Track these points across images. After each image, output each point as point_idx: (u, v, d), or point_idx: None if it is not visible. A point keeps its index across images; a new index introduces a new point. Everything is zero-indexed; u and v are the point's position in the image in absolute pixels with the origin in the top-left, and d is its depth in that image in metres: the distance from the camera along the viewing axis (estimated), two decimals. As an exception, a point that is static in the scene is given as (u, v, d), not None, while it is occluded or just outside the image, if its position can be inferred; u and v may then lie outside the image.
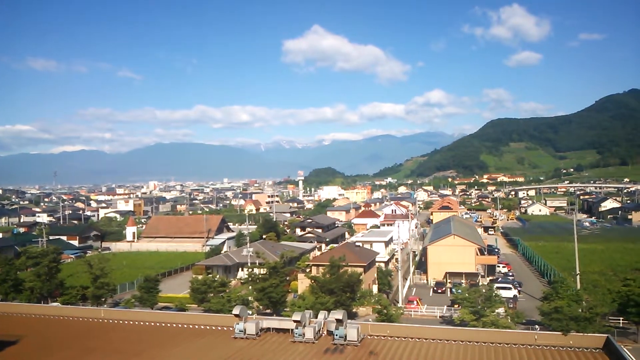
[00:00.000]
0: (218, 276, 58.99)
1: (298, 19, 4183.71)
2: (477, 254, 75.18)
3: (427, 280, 75.09)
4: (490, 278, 72.70)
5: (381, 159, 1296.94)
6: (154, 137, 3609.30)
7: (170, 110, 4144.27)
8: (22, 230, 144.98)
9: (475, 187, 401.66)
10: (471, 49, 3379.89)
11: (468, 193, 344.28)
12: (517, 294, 62.05)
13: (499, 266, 78.99)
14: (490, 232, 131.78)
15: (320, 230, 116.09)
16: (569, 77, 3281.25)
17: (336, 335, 27.57)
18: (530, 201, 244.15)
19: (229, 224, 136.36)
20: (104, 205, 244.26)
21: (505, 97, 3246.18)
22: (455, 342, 27.37)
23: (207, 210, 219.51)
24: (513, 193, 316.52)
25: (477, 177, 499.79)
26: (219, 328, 31.08)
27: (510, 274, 75.96)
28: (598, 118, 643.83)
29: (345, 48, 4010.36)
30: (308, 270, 64.62)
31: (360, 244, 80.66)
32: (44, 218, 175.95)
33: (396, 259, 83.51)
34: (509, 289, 61.38)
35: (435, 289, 69.30)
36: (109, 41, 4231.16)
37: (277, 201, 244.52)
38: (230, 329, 29.78)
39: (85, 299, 58.88)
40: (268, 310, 52.30)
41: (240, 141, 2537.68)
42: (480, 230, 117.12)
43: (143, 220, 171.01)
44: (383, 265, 75.80)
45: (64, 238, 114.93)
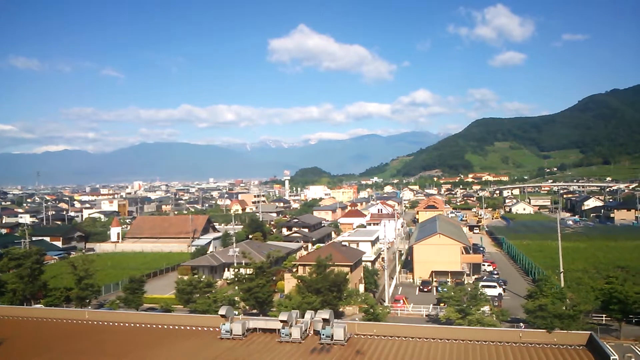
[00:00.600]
0: (204, 277, 58.69)
1: (284, 18, 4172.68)
2: (463, 253, 75.94)
3: (413, 279, 75.47)
4: (476, 276, 73.37)
5: (367, 159, 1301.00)
6: (139, 137, 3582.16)
7: (155, 109, 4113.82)
8: (4, 231, 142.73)
9: (461, 187, 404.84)
10: (456, 49, 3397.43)
11: (453, 192, 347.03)
12: (502, 292, 62.64)
13: (484, 265, 79.66)
14: (475, 231, 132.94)
15: (306, 230, 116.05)
16: (552, 77, 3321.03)
17: (323, 334, 27.62)
18: (514, 200, 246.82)
19: (214, 224, 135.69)
20: (87, 205, 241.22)
21: (489, 97, 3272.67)
22: (441, 341, 27.60)
23: (193, 210, 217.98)
24: (498, 192, 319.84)
25: (463, 177, 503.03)
26: (205, 329, 30.97)
27: (495, 273, 76.62)
28: (581, 118, 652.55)
29: (331, 47, 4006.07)
30: (294, 270, 64.66)
31: (346, 244, 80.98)
32: (26, 219, 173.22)
33: (382, 258, 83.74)
34: (494, 287, 61.91)
35: (421, 287, 69.65)
36: (93, 40, 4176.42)
37: (264, 201, 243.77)
38: (217, 329, 29.68)
39: (69, 301, 58.19)
40: (254, 311, 52.22)
41: (226, 141, 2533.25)
42: (465, 229, 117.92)
43: (128, 220, 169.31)
44: (369, 264, 76.01)
45: (47, 239, 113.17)
